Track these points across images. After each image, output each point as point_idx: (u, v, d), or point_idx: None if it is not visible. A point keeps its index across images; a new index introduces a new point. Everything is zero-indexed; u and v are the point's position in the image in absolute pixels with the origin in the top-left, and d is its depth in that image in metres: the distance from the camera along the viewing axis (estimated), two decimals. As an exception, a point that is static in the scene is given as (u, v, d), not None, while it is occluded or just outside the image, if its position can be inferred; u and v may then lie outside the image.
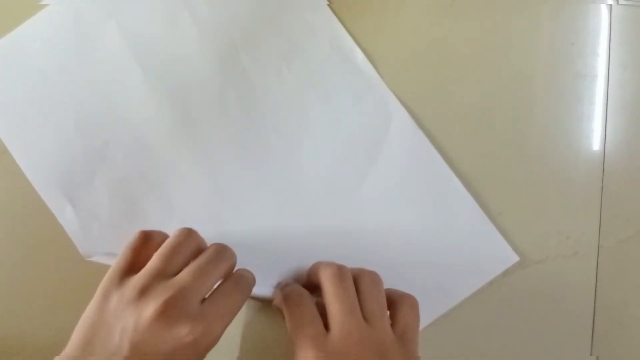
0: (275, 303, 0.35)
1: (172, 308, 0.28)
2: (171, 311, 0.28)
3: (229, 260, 0.32)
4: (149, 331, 0.28)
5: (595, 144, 0.39)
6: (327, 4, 0.38)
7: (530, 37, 0.39)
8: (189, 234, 0.32)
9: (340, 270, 0.32)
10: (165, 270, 0.30)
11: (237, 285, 0.32)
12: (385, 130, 0.38)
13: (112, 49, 0.37)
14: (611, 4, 0.39)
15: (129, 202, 0.37)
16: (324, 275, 0.32)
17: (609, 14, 0.39)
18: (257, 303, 0.37)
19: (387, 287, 0.33)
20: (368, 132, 0.38)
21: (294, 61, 0.38)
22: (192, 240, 0.32)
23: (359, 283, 0.32)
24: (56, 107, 0.37)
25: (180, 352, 0.28)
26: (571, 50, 0.39)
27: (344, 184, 0.37)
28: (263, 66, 0.38)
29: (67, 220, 0.36)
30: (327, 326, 0.31)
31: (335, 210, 0.37)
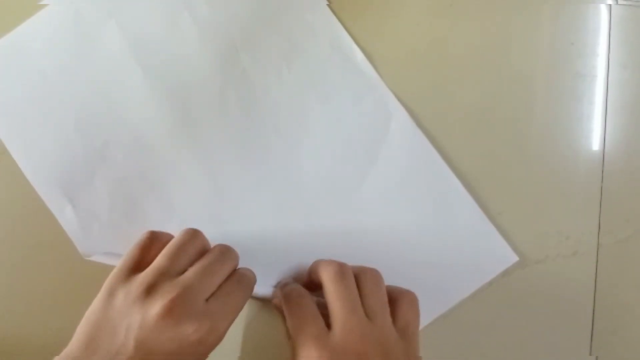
0: (275, 302, 0.35)
1: (179, 306, 0.28)
2: (177, 309, 0.28)
3: (233, 261, 0.32)
4: (155, 329, 0.28)
5: (595, 144, 0.39)
6: (327, 4, 0.38)
7: (530, 37, 0.39)
8: (195, 234, 0.32)
9: (341, 268, 0.32)
10: (171, 269, 0.30)
11: (240, 284, 0.32)
12: (385, 130, 0.38)
13: (112, 49, 0.37)
14: (611, 4, 0.39)
15: (129, 202, 0.37)
16: (325, 273, 0.32)
17: (608, 14, 0.39)
18: (258, 303, 0.37)
19: (387, 284, 0.33)
20: (368, 132, 0.38)
21: (294, 61, 0.38)
22: (198, 240, 0.32)
23: (360, 280, 0.32)
24: (56, 107, 0.37)
25: (185, 351, 0.28)
26: (571, 50, 0.39)
27: (344, 184, 0.37)
28: (263, 66, 0.38)
29: (67, 220, 0.36)
30: (328, 325, 0.31)
31: (335, 210, 0.37)
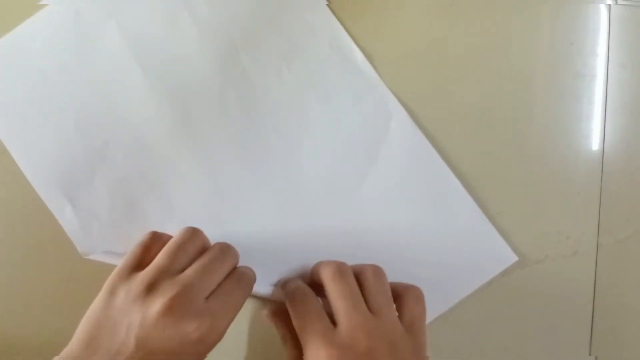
0: (268, 312, 0.35)
1: (179, 304, 0.28)
2: (178, 307, 0.28)
3: (232, 259, 0.32)
4: (156, 327, 0.28)
5: (595, 144, 0.39)
6: (327, 4, 0.38)
7: (529, 37, 0.39)
8: (195, 233, 0.32)
9: (340, 267, 0.32)
10: (171, 268, 0.30)
11: (240, 282, 0.32)
12: (385, 130, 0.38)
13: (112, 49, 0.37)
14: (610, 4, 0.39)
15: (129, 202, 0.37)
16: (325, 273, 0.32)
17: (608, 14, 0.39)
18: (258, 302, 0.37)
19: (391, 281, 0.33)
20: (368, 132, 0.38)
21: (294, 61, 0.38)
22: (198, 239, 0.32)
23: (361, 278, 0.32)
24: (56, 107, 0.37)
25: (186, 349, 0.28)
26: (570, 50, 0.39)
27: (344, 184, 0.37)
28: (263, 66, 0.38)
29: (67, 220, 0.36)
30: (334, 323, 0.31)
31: (335, 210, 0.37)
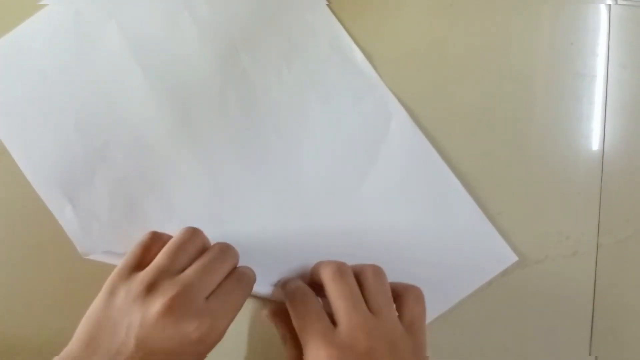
0: (268, 312, 0.35)
1: (179, 304, 0.28)
2: (178, 307, 0.28)
3: (233, 259, 0.32)
4: (156, 327, 0.28)
5: (595, 144, 0.39)
6: (327, 4, 0.38)
7: (529, 37, 0.39)
8: (194, 233, 0.32)
9: (340, 267, 0.32)
10: (171, 267, 0.30)
11: (240, 282, 0.32)
12: (385, 130, 0.38)
13: (112, 49, 0.37)
14: (610, 4, 0.39)
15: (129, 202, 0.37)
16: (324, 274, 0.32)
17: (608, 14, 0.39)
18: (258, 302, 0.37)
19: (391, 281, 0.33)
20: (368, 132, 0.38)
21: (294, 61, 0.38)
22: (197, 238, 0.32)
23: (361, 278, 0.32)
24: (56, 107, 0.37)
25: (186, 349, 0.28)
26: (570, 50, 0.39)
27: (344, 184, 0.37)
28: (263, 66, 0.38)
29: (67, 220, 0.36)
30: (334, 323, 0.31)
31: (335, 210, 0.37)
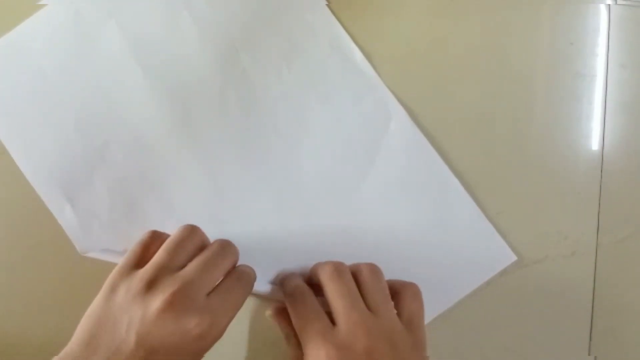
0: (271, 312, 0.35)
1: (180, 300, 0.28)
2: (178, 303, 0.28)
3: (232, 256, 0.32)
4: (156, 323, 0.28)
5: (594, 144, 0.39)
6: (327, 4, 0.38)
7: (529, 37, 0.39)
8: (193, 230, 0.32)
9: (338, 267, 0.32)
10: (171, 264, 0.30)
11: (240, 280, 0.32)
12: (385, 130, 0.38)
13: (112, 49, 0.37)
14: (610, 4, 0.39)
15: (128, 202, 0.37)
16: (322, 274, 0.32)
17: (607, 14, 0.39)
18: (258, 302, 0.37)
19: (388, 279, 0.33)
20: (368, 132, 0.38)
21: (294, 61, 0.38)
22: (196, 236, 0.32)
23: (358, 276, 0.32)
24: (56, 107, 0.37)
25: (186, 345, 0.28)
26: (570, 50, 0.39)
27: (344, 184, 0.37)
28: (263, 66, 0.38)
29: (67, 220, 0.36)
30: (333, 323, 0.31)
31: (335, 210, 0.37)
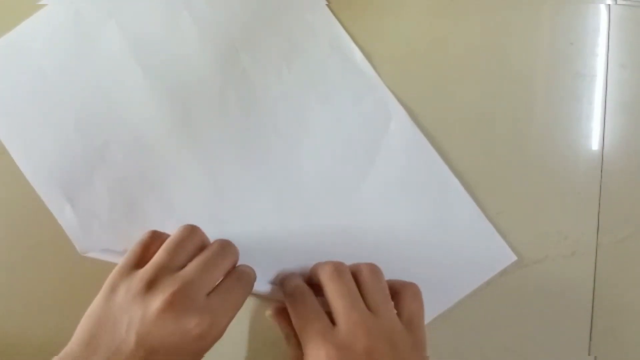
0: (271, 312, 0.35)
1: (180, 300, 0.28)
2: (179, 303, 0.28)
3: (232, 256, 0.32)
4: (156, 323, 0.28)
5: (594, 144, 0.39)
6: (327, 4, 0.38)
7: (529, 36, 0.39)
8: (192, 230, 0.32)
9: (338, 267, 0.32)
10: (171, 264, 0.30)
11: (240, 280, 0.32)
12: (385, 130, 0.38)
13: (112, 49, 0.37)
14: (610, 4, 0.39)
15: (128, 202, 0.37)
16: (323, 274, 0.32)
17: (607, 14, 0.39)
18: (258, 302, 0.37)
19: (388, 279, 0.33)
20: (368, 132, 0.38)
21: (294, 61, 0.38)
22: (196, 236, 0.32)
23: (358, 276, 0.33)
24: (56, 107, 0.37)
25: (186, 345, 0.28)
26: (570, 50, 0.39)
27: (344, 184, 0.37)
28: (263, 66, 0.38)
29: (67, 220, 0.36)
30: (333, 323, 0.31)
31: (335, 210, 0.37)
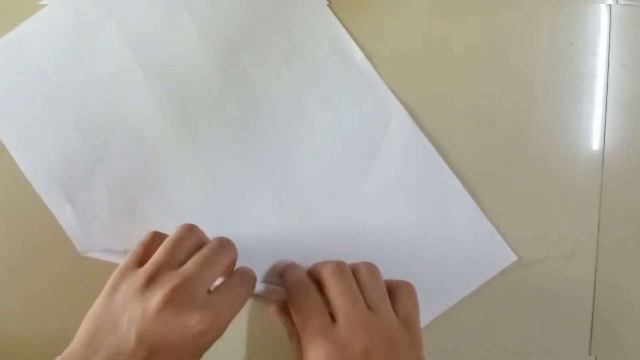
0: (273, 309, 0.35)
1: (179, 296, 0.28)
2: (178, 299, 0.28)
3: (231, 253, 0.33)
4: (157, 320, 0.28)
5: (595, 144, 0.39)
6: (327, 4, 0.38)
7: (529, 36, 0.39)
8: (191, 229, 0.33)
9: (339, 265, 0.33)
10: (170, 262, 0.30)
11: (242, 280, 0.32)
12: (385, 130, 0.38)
13: (112, 49, 0.37)
14: (611, 3, 0.39)
15: (129, 202, 0.37)
16: (324, 272, 0.33)
17: (608, 14, 0.39)
18: (259, 302, 0.37)
19: (384, 279, 0.33)
20: (368, 132, 0.38)
21: (294, 61, 0.38)
22: (194, 234, 0.32)
23: (357, 275, 0.33)
24: (56, 107, 0.37)
25: (188, 342, 0.28)
26: (570, 50, 0.39)
27: (344, 184, 0.37)
28: (263, 66, 0.38)
29: (67, 220, 0.36)
30: (333, 319, 0.31)
31: (335, 210, 0.37)
